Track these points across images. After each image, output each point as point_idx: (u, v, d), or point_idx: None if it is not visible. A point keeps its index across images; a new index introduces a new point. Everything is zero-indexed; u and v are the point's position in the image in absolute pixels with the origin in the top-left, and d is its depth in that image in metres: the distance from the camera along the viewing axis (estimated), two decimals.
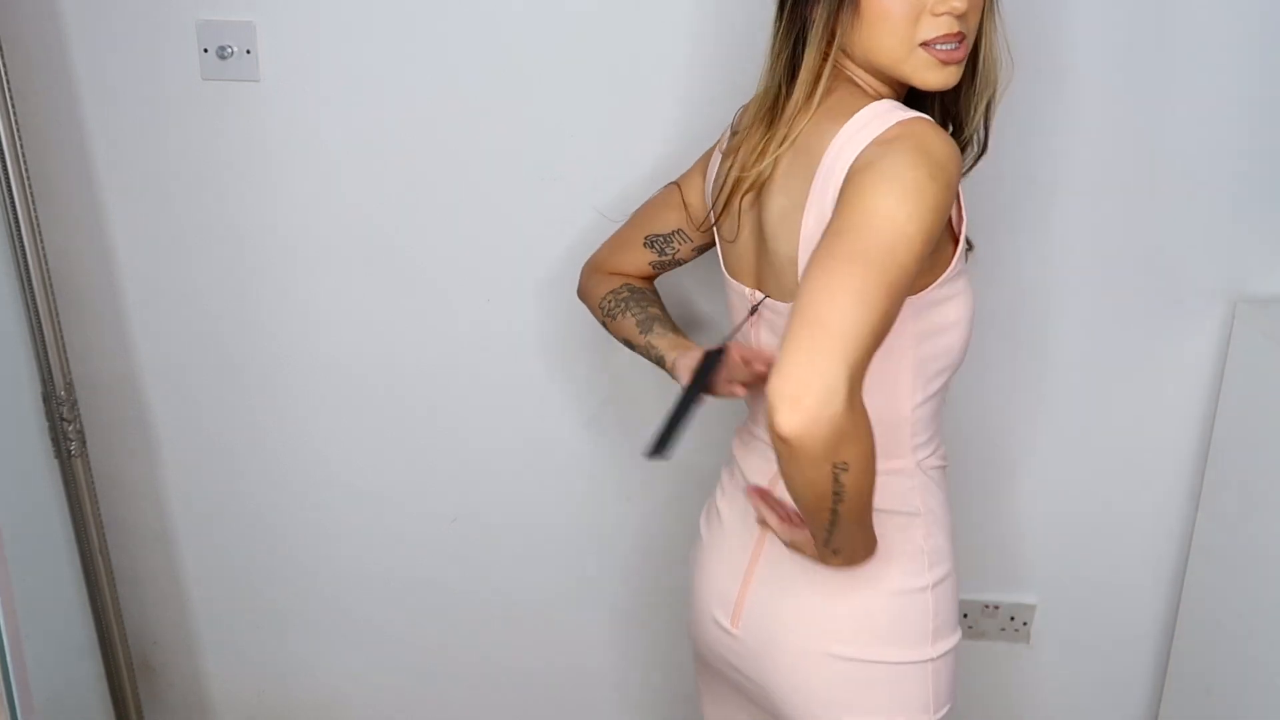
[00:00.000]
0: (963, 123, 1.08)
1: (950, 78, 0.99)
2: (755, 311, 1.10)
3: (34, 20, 1.44)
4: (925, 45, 0.97)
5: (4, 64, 1.38)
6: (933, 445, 1.11)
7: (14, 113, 1.40)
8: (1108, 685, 1.76)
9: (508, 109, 1.46)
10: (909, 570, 1.07)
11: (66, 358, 1.53)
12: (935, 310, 1.02)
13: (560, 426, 1.63)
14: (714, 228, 1.15)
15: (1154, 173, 1.46)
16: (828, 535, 0.97)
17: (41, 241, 1.46)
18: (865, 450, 0.88)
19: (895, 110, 0.96)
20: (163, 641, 1.80)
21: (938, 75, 0.99)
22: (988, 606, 1.71)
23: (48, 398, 1.53)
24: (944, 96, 1.07)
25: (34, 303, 1.47)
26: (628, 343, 1.26)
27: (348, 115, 1.47)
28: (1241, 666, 1.51)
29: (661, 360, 1.20)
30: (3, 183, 1.40)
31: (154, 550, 1.73)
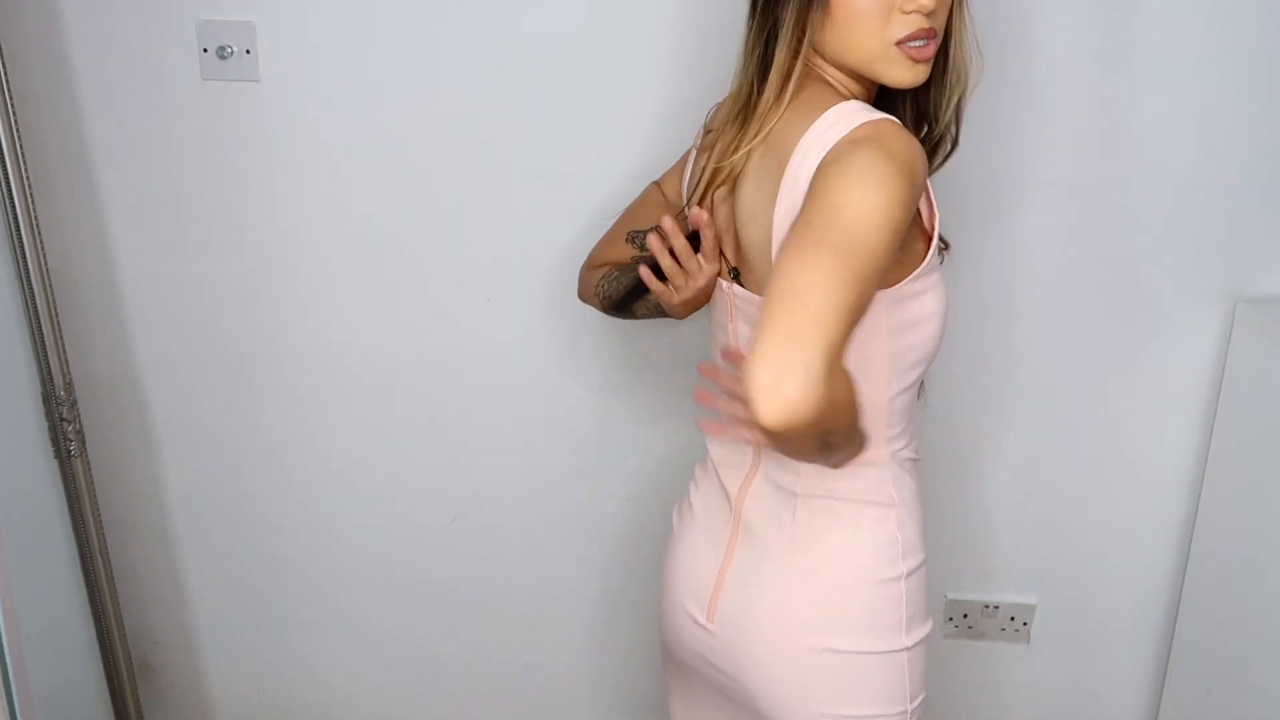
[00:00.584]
0: (935, 120, 1.10)
1: (920, 75, 1.01)
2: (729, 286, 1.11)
3: (34, 20, 1.44)
4: (898, 44, 0.99)
5: (4, 64, 1.38)
6: (906, 437, 1.13)
7: (14, 113, 1.40)
8: (1108, 685, 1.76)
9: (508, 109, 1.46)
10: (883, 560, 1.09)
11: (66, 357, 1.53)
12: (908, 304, 1.04)
13: (560, 426, 1.63)
14: None
15: (1154, 173, 1.46)
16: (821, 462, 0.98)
17: (41, 241, 1.46)
18: (849, 406, 0.88)
19: (862, 111, 0.98)
20: (163, 641, 1.80)
21: (908, 73, 1.00)
22: (988, 606, 1.71)
23: (47, 397, 1.54)
24: (916, 94, 1.09)
25: (34, 302, 1.47)
26: (631, 311, 1.29)
27: (347, 115, 1.48)
28: (1241, 666, 1.51)
29: (658, 306, 1.23)
30: (3, 183, 1.41)
31: (154, 550, 1.73)
